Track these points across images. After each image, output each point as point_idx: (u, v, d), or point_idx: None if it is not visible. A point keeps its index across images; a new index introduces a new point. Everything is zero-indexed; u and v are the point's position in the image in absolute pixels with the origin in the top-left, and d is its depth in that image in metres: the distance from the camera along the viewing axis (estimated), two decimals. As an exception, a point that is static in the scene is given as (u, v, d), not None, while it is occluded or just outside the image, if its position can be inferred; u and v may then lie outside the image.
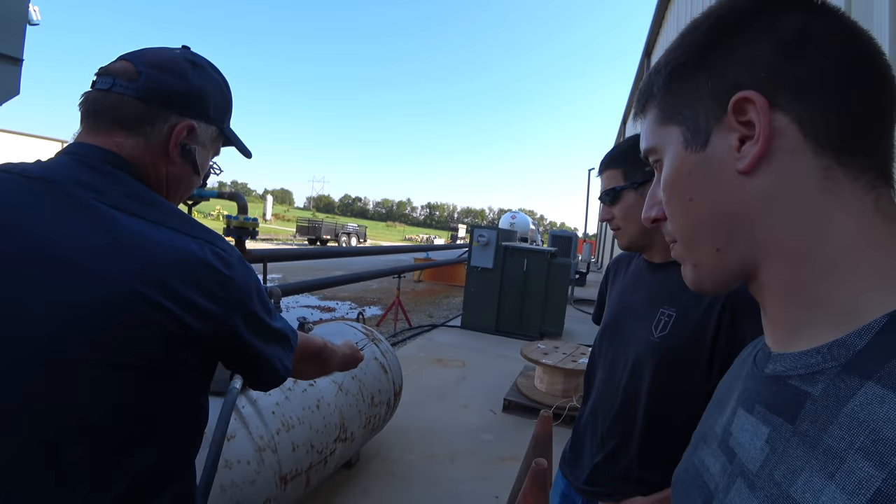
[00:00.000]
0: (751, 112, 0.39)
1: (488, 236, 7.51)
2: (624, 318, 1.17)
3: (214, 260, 0.69)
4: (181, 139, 0.79)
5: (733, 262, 0.44)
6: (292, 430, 2.04)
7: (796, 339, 0.41)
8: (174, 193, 0.84)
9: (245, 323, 0.73)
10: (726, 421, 0.47)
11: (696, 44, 0.44)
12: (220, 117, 0.86)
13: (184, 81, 0.78)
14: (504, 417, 4.05)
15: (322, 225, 31.08)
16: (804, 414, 0.36)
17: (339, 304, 10.41)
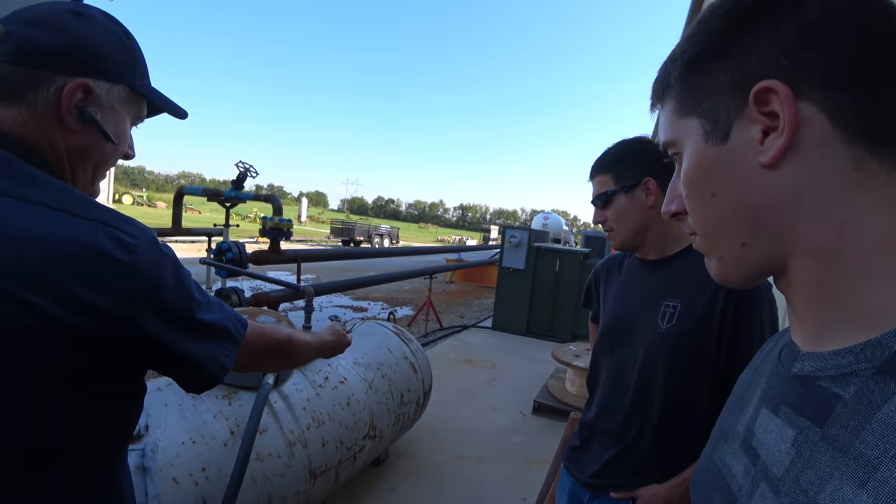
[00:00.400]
0: (774, 102, 0.37)
1: (520, 237, 7.47)
2: (626, 317, 1.20)
3: (110, 245, 0.60)
4: (75, 102, 0.67)
5: (759, 257, 0.42)
6: (322, 425, 2.08)
7: (826, 337, 0.39)
8: (84, 166, 0.72)
9: (154, 317, 0.64)
10: (749, 420, 0.46)
11: (712, 32, 0.42)
12: (125, 73, 0.73)
13: (63, 35, 0.66)
14: (533, 419, 4.02)
15: (355, 227, 31.53)
16: (834, 417, 0.34)
17: (371, 304, 10.53)
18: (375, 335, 3.02)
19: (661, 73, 0.49)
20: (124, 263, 0.60)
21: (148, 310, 0.63)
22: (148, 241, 0.64)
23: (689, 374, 1.05)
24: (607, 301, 1.30)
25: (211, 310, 0.73)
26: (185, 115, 0.87)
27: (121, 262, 0.60)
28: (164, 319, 0.65)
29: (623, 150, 1.19)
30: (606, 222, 1.20)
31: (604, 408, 1.21)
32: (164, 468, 1.42)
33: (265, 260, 5.17)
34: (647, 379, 1.10)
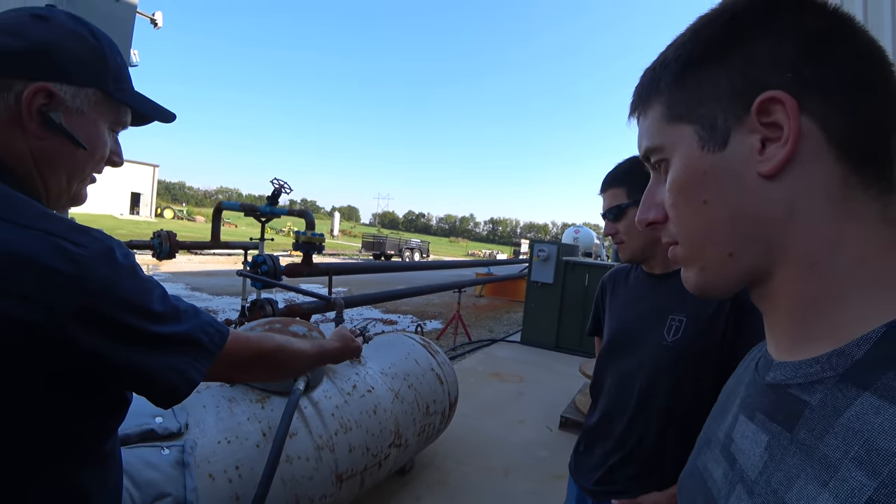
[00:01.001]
0: (777, 113, 0.38)
1: (548, 251, 7.46)
2: (632, 328, 1.23)
3: (49, 255, 0.56)
4: (37, 106, 0.65)
5: (745, 267, 0.42)
6: (350, 432, 2.15)
7: (798, 347, 0.41)
8: (55, 173, 0.70)
9: (96, 330, 0.60)
10: (728, 426, 0.48)
11: (711, 40, 0.42)
12: (92, 76, 0.70)
13: (21, 38, 0.64)
14: (560, 435, 4.00)
15: (386, 240, 31.88)
16: (802, 422, 0.36)
17: (400, 317, 10.63)
18: (403, 346, 3.09)
19: (647, 77, 0.48)
20: (61, 273, 0.57)
21: (88, 322, 0.59)
22: (99, 250, 0.61)
23: (692, 385, 1.08)
24: (614, 312, 1.34)
25: (179, 321, 0.69)
26: (173, 118, 0.86)
27: (57, 273, 0.56)
28: (111, 332, 0.61)
29: (636, 165, 1.23)
30: (617, 234, 1.23)
31: (607, 414, 1.24)
32: (202, 464, 1.52)
33: (298, 272, 5.35)
34: (652, 388, 1.13)
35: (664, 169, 0.47)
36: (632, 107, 0.51)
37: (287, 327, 2.11)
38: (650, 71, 0.48)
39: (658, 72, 0.46)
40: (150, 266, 14.72)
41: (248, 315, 4.49)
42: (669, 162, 0.46)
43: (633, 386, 1.17)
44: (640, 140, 0.50)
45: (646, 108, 0.48)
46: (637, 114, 0.50)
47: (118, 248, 0.64)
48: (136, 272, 0.66)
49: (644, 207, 0.51)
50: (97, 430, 0.69)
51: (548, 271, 7.43)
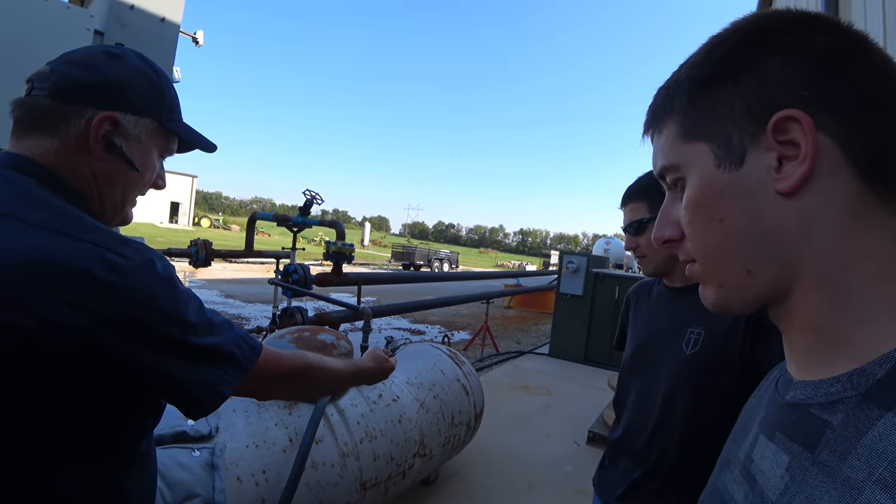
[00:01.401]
0: (794, 131, 0.38)
1: (578, 263, 7.38)
2: (653, 341, 1.23)
3: (97, 266, 0.61)
4: (104, 132, 0.73)
5: (763, 285, 0.42)
6: (374, 440, 2.17)
7: (818, 366, 0.40)
8: (112, 192, 0.78)
9: (138, 340, 0.64)
10: (748, 447, 0.47)
11: (724, 59, 0.42)
12: (152, 108, 0.79)
13: (96, 72, 0.73)
14: (587, 450, 3.92)
15: (416, 251, 32.10)
16: (824, 443, 0.35)
17: (428, 327, 10.66)
18: (429, 356, 3.11)
19: (660, 96, 0.48)
20: (108, 284, 0.61)
21: (131, 331, 0.63)
22: (141, 262, 0.66)
23: (711, 399, 1.07)
24: (636, 325, 1.34)
25: (213, 333, 0.72)
26: (214, 149, 0.95)
27: (105, 283, 0.61)
28: (150, 342, 0.65)
29: (656, 179, 1.22)
30: (639, 248, 1.24)
31: (629, 427, 1.23)
32: (230, 467, 1.56)
33: (328, 282, 5.45)
34: (672, 402, 1.12)
35: (680, 187, 0.47)
36: (646, 125, 0.51)
37: (316, 335, 2.16)
38: (664, 90, 0.48)
39: (672, 91, 0.47)
40: (186, 273, 15.21)
41: (278, 323, 4.59)
42: (685, 180, 0.46)
43: (653, 399, 1.16)
44: (655, 159, 0.50)
45: (660, 127, 0.48)
46: (651, 132, 0.51)
47: (158, 260, 0.69)
48: (174, 283, 0.70)
49: (660, 225, 0.51)
50: (135, 432, 0.74)
51: (577, 283, 7.34)
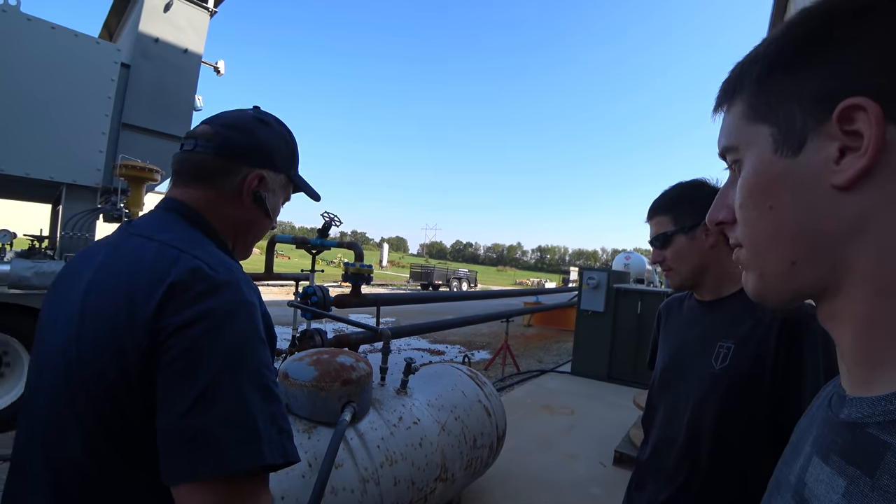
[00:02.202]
0: (860, 121, 0.35)
1: (598, 278, 7.28)
2: (682, 357, 1.20)
3: (187, 273, 0.71)
4: (253, 188, 0.88)
5: (807, 279, 0.40)
6: (395, 464, 2.13)
7: (875, 381, 0.37)
8: (244, 235, 0.93)
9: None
10: (800, 469, 0.44)
11: (802, 39, 0.39)
12: (286, 166, 0.95)
13: (252, 137, 0.89)
14: (614, 471, 3.80)
15: (434, 270, 32.15)
16: (884, 466, 0.32)
17: (448, 347, 10.60)
18: (450, 377, 3.06)
19: (735, 72, 0.46)
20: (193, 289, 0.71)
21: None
22: (230, 280, 0.74)
23: (741, 415, 1.03)
24: (666, 341, 1.31)
25: (273, 397, 0.71)
26: (319, 199, 1.09)
27: (189, 288, 0.70)
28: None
29: (682, 193, 1.22)
30: (665, 262, 1.22)
31: (658, 446, 1.19)
32: (250, 495, 1.54)
33: (347, 303, 5.45)
34: (700, 418, 1.08)
35: (738, 169, 0.45)
36: (717, 101, 0.49)
37: (335, 357, 2.15)
38: (739, 66, 0.46)
39: (746, 68, 0.44)
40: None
41: (297, 345, 4.59)
42: (742, 162, 0.44)
43: (682, 416, 1.13)
44: (720, 137, 0.48)
45: (730, 105, 0.46)
46: (721, 110, 0.48)
47: (248, 288, 0.76)
48: (251, 317, 0.75)
49: (715, 207, 0.49)
50: None
51: (598, 299, 7.23)
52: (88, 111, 4.98)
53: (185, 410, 0.65)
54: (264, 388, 0.70)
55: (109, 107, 5.15)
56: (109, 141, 5.17)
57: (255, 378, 0.69)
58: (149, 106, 5.73)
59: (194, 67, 6.41)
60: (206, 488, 0.63)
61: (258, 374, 0.70)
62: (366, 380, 2.15)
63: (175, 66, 6.08)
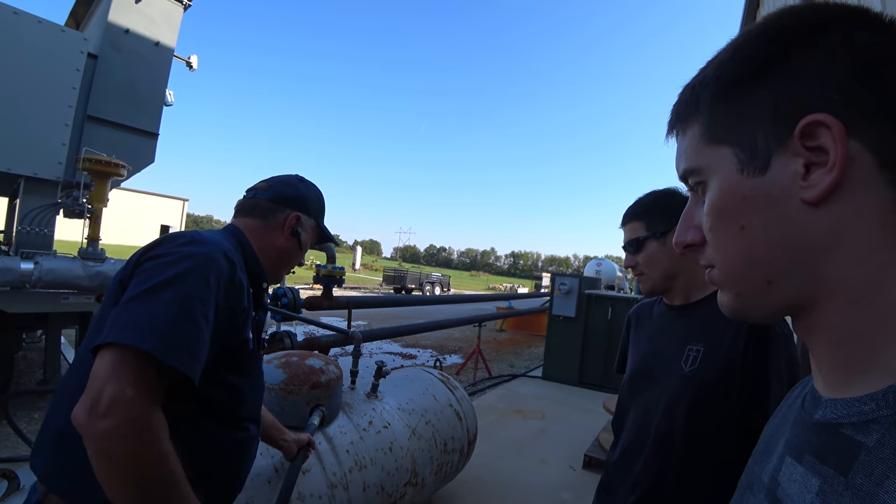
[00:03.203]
0: (822, 137, 0.36)
1: (570, 284, 7.37)
2: (653, 360, 1.22)
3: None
4: (292, 224, 1.24)
5: (784, 296, 0.40)
6: (364, 469, 2.10)
7: (849, 383, 0.38)
8: (280, 260, 1.25)
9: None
10: (773, 469, 0.44)
11: (755, 58, 0.40)
12: (316, 214, 1.32)
13: (294, 190, 1.28)
14: (584, 475, 3.83)
15: (407, 274, 32.01)
16: (858, 466, 0.33)
17: (420, 351, 10.55)
18: (421, 381, 3.04)
19: (686, 95, 0.46)
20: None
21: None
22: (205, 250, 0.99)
23: (710, 418, 1.05)
24: (636, 345, 1.33)
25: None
26: (336, 244, 1.68)
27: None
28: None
29: (655, 200, 1.25)
30: (637, 267, 1.25)
31: (627, 449, 1.21)
32: (212, 501, 1.48)
33: (318, 306, 5.36)
34: (670, 421, 1.10)
35: (702, 191, 0.45)
36: (669, 125, 0.49)
37: (304, 360, 2.10)
38: (689, 89, 0.46)
39: (697, 90, 0.44)
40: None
41: (267, 347, 4.49)
42: (707, 184, 0.44)
43: (651, 420, 1.14)
44: (678, 161, 0.48)
45: (684, 128, 0.46)
46: (675, 133, 0.48)
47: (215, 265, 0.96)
48: (204, 280, 0.95)
49: (682, 229, 0.49)
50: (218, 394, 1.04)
51: (570, 305, 7.31)
52: (51, 101, 4.78)
53: (126, 300, 0.87)
54: (187, 312, 0.87)
55: (74, 98, 4.96)
56: (73, 133, 4.98)
57: (184, 302, 0.87)
58: (117, 99, 5.55)
59: (166, 61, 6.23)
60: (105, 353, 0.81)
61: (188, 301, 0.87)
62: (335, 383, 2.12)
63: (145, 59, 5.91)
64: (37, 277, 4.00)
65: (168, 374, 0.83)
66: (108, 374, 0.78)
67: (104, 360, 0.80)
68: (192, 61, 7.22)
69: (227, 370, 1.03)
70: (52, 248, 4.78)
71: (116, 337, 0.80)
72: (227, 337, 0.99)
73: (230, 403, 1.07)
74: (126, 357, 0.80)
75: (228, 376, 1.04)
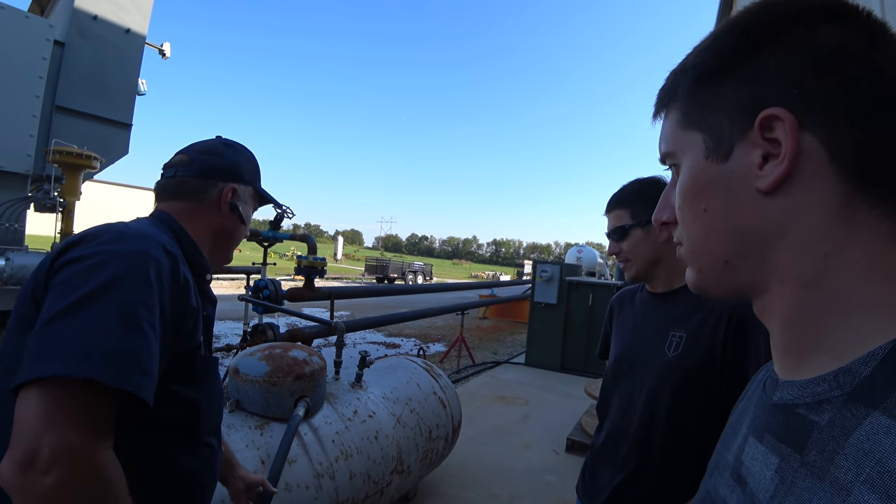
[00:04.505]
0: (778, 130, 0.37)
1: (551, 271, 7.44)
2: (636, 346, 1.24)
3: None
4: (228, 199, 1.07)
5: (739, 277, 0.43)
6: (350, 458, 2.12)
7: (803, 366, 0.40)
8: (223, 240, 1.10)
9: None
10: (738, 449, 0.47)
11: (726, 50, 0.42)
12: (252, 180, 1.15)
13: (222, 158, 1.09)
14: (567, 458, 3.92)
15: (389, 263, 31.94)
16: (811, 444, 0.35)
17: (404, 340, 10.57)
18: (405, 370, 3.06)
19: (668, 82, 0.48)
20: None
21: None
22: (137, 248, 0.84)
23: (693, 403, 1.07)
24: (619, 332, 1.34)
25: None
26: (283, 209, 1.34)
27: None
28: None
29: (640, 188, 1.26)
30: (621, 254, 1.26)
31: (612, 433, 1.23)
32: (198, 494, 1.49)
33: (300, 297, 5.34)
34: (653, 406, 1.12)
35: (676, 173, 0.48)
36: (655, 109, 0.51)
37: (287, 352, 2.10)
38: (672, 75, 0.48)
39: (678, 77, 0.47)
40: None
41: (249, 340, 4.46)
42: (679, 166, 0.47)
43: (636, 404, 1.17)
44: (660, 143, 0.51)
45: (667, 112, 0.49)
46: (659, 117, 0.51)
47: (153, 261, 0.81)
48: (143, 281, 0.79)
49: (660, 208, 0.53)
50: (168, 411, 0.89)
51: (551, 292, 7.40)
52: (16, 91, 4.60)
53: (47, 320, 0.70)
54: (130, 322, 0.72)
55: (41, 87, 4.78)
56: (41, 125, 4.81)
57: (122, 311, 0.72)
58: (86, 88, 5.36)
59: (137, 49, 6.03)
60: (32, 391, 0.66)
61: (127, 309, 0.73)
62: (319, 374, 2.12)
63: (116, 47, 5.71)
64: (8, 274, 3.89)
65: (116, 401, 0.71)
66: (40, 418, 0.64)
67: (32, 402, 0.65)
68: (164, 49, 7.03)
69: (179, 383, 0.89)
70: (24, 244, 4.66)
71: (44, 370, 0.66)
72: (176, 345, 0.86)
73: (187, 419, 0.93)
74: (60, 392, 0.66)
75: (182, 389, 0.90)
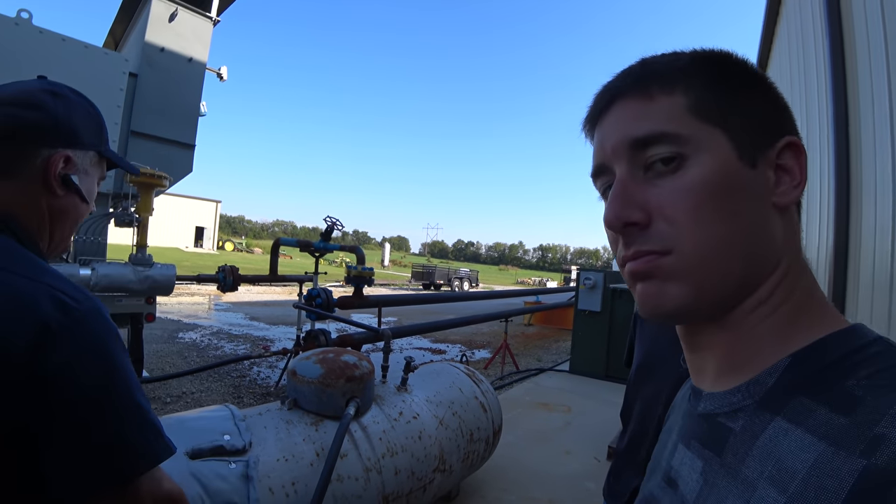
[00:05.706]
0: (789, 157, 0.41)
1: (594, 279, 7.42)
2: (655, 354, 1.32)
3: (49, 306, 0.62)
4: (59, 171, 0.74)
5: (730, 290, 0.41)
6: (396, 456, 2.29)
7: (723, 379, 0.44)
8: (63, 225, 0.79)
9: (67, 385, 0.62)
10: (669, 454, 0.51)
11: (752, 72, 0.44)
12: (95, 142, 0.81)
13: (45, 113, 0.73)
14: (608, 466, 3.94)
15: (435, 270, 32.20)
16: (728, 447, 0.39)
17: (449, 346, 10.73)
18: (448, 375, 3.21)
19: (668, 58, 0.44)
20: (57, 324, 0.61)
21: (66, 374, 0.62)
22: (92, 308, 0.67)
23: None
24: (642, 340, 1.43)
25: (143, 403, 0.68)
26: (137, 172, 1.05)
27: (53, 322, 0.61)
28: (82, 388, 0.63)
29: None
30: None
31: (633, 438, 1.32)
32: (263, 479, 1.70)
33: (350, 304, 5.62)
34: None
35: (675, 165, 0.41)
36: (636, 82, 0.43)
37: (339, 357, 2.30)
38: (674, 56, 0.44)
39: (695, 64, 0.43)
40: (212, 297, 15.63)
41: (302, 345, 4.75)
42: (687, 158, 0.40)
43: (654, 411, 1.25)
44: (639, 121, 0.42)
45: (671, 91, 0.42)
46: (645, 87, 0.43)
47: (106, 311, 0.70)
48: (118, 336, 0.70)
49: (622, 204, 0.42)
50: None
51: (595, 299, 7.37)
52: (99, 120, 5.15)
53: (91, 431, 0.62)
54: (140, 390, 0.69)
55: (119, 115, 5.32)
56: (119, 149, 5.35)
57: (133, 381, 0.68)
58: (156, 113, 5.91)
59: (199, 75, 6.58)
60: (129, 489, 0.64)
61: (133, 378, 0.69)
62: (368, 377, 2.31)
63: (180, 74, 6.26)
64: (94, 282, 4.35)
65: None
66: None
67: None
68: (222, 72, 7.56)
69: None
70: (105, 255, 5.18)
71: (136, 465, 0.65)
72: None
73: None
74: (150, 479, 0.67)
75: None
